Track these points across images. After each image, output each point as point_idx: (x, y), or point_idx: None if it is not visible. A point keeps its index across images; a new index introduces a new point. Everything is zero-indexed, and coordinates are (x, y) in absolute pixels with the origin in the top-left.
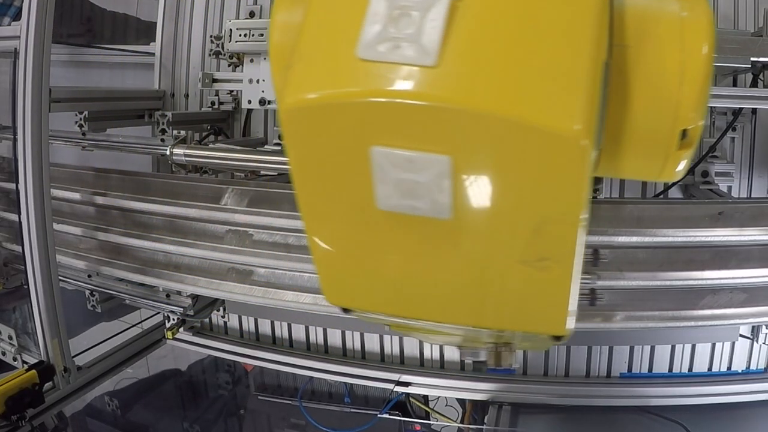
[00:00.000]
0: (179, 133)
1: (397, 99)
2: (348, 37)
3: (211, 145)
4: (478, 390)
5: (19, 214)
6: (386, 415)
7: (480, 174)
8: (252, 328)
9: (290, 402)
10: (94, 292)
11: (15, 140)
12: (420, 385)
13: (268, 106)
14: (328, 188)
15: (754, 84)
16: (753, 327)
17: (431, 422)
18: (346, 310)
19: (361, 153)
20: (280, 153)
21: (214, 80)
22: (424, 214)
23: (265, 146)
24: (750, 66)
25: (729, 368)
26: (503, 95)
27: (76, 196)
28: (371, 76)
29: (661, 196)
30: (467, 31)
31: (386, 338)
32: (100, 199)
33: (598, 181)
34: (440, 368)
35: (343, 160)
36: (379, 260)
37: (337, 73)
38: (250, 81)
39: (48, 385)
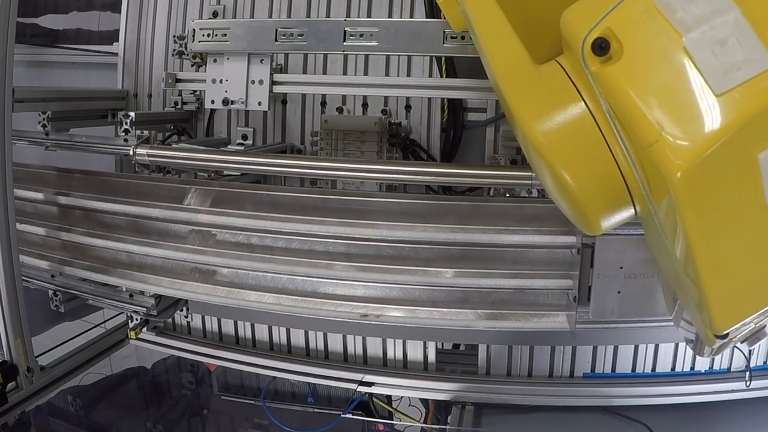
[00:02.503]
0: (142, 133)
1: None
2: (688, 89)
3: (174, 145)
4: (441, 390)
5: None
6: (349, 415)
7: None
8: (215, 328)
9: (253, 402)
10: (57, 292)
11: None
12: (383, 385)
13: (231, 106)
14: (722, 219)
15: None
16: None
17: (394, 422)
18: (723, 337)
19: (749, 166)
20: (243, 153)
21: (178, 80)
22: None
23: (228, 146)
24: None
25: (692, 368)
26: None
27: (40, 196)
28: (739, 99)
29: None
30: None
31: (349, 338)
32: (63, 199)
33: None
34: (403, 368)
35: (734, 184)
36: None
37: (715, 114)
38: (214, 81)
39: (11, 384)
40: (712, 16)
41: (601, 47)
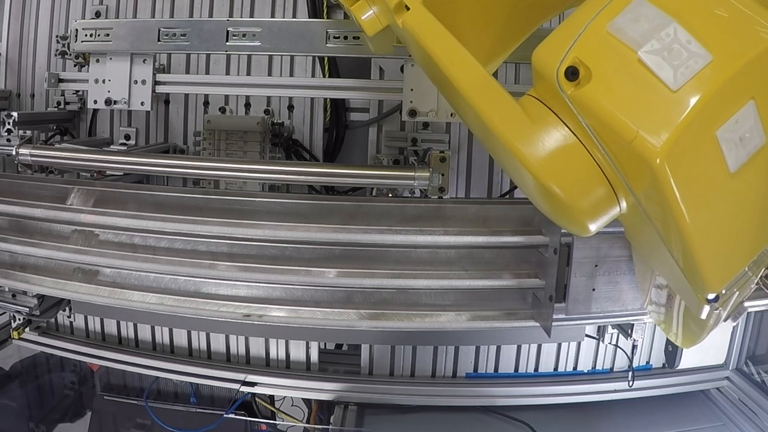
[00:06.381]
0: (25, 133)
1: (716, 87)
2: (651, 92)
3: (57, 145)
4: (323, 390)
5: None
6: (232, 415)
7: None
8: (98, 328)
9: (136, 402)
10: None
11: None
12: (266, 385)
13: (114, 106)
14: (700, 191)
15: None
16: (599, 327)
17: (277, 422)
18: (714, 300)
19: (710, 143)
20: (126, 153)
21: (60, 80)
22: (755, 151)
23: (111, 146)
24: None
25: (575, 368)
26: (755, 40)
27: None
28: (693, 89)
29: (507, 197)
30: (702, 29)
31: (232, 338)
32: None
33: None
34: (286, 368)
35: (703, 159)
36: (739, 213)
37: (676, 107)
38: (96, 81)
39: None
40: (656, 31)
41: (573, 74)
